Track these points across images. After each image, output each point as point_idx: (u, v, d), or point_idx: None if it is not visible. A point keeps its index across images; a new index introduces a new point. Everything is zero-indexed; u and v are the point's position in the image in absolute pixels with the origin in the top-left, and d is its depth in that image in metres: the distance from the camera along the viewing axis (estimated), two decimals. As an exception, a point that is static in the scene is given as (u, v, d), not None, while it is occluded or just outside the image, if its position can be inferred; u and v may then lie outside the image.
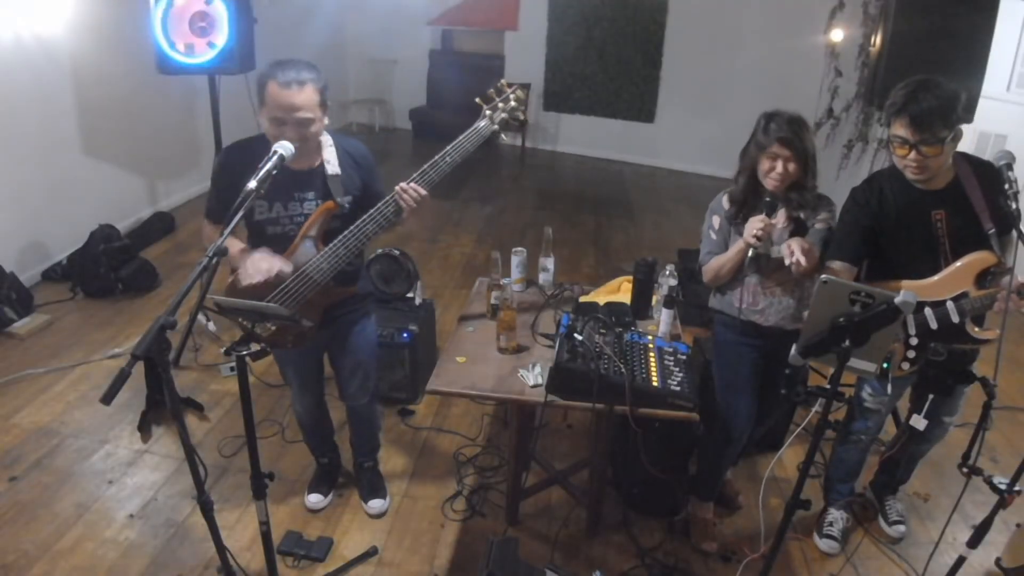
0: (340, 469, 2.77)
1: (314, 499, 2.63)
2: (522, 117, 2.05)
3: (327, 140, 2.08)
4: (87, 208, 4.50)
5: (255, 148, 1.91)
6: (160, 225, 5.10)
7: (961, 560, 1.93)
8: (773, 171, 2.10)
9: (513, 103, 2.03)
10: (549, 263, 2.72)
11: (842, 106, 6.18)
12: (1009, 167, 1.87)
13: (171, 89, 4.71)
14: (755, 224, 2.08)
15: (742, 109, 7.17)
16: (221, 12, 3.04)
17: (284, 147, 1.76)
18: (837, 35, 6.06)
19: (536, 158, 8.06)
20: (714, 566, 2.46)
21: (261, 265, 1.94)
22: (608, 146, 8.04)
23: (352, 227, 1.98)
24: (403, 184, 1.95)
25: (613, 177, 7.58)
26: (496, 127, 2.02)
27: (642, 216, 6.34)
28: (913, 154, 1.92)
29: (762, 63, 7.01)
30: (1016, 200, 1.80)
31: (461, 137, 1.99)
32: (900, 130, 1.92)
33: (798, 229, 2.18)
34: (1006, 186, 1.83)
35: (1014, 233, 1.74)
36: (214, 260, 1.55)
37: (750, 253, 2.12)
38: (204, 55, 3.09)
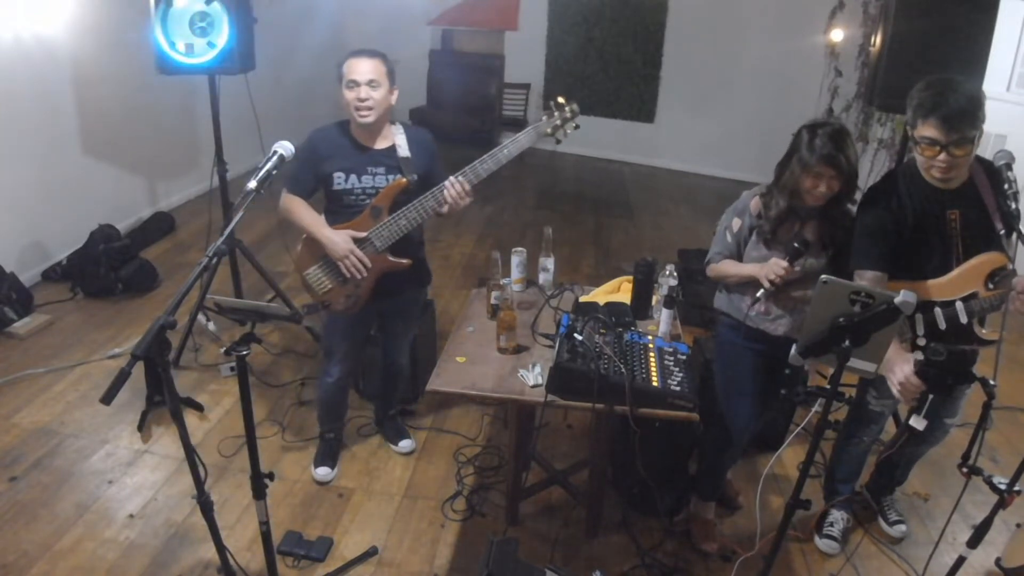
0: (343, 444, 2.92)
1: (323, 472, 2.76)
2: (571, 128, 2.42)
3: (399, 129, 2.43)
4: (87, 208, 4.49)
5: (335, 129, 2.40)
6: (160, 225, 5.10)
7: (961, 560, 1.93)
8: (816, 189, 2.02)
9: (568, 114, 2.40)
10: (549, 263, 2.72)
11: (842, 106, 6.18)
12: (1008, 167, 1.87)
13: (171, 89, 4.70)
14: (775, 269, 2.04)
15: (742, 109, 7.28)
16: (221, 12, 3.03)
17: (284, 147, 1.83)
18: (837, 35, 6.06)
19: (536, 158, 8.05)
20: (714, 566, 2.46)
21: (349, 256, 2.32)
22: (608, 146, 8.04)
23: (409, 205, 2.32)
24: (452, 179, 2.29)
25: (613, 177, 7.58)
26: (549, 130, 2.39)
27: (642, 216, 6.34)
28: (943, 155, 1.87)
29: (762, 63, 7.01)
30: (1016, 200, 1.80)
31: (519, 134, 2.35)
32: (929, 131, 1.86)
33: (830, 242, 2.14)
34: (1005, 186, 1.83)
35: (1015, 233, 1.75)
36: (214, 260, 1.56)
37: (759, 293, 2.10)
38: (204, 55, 3.08)
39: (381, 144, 2.39)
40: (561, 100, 2.40)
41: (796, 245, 2.06)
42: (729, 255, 2.27)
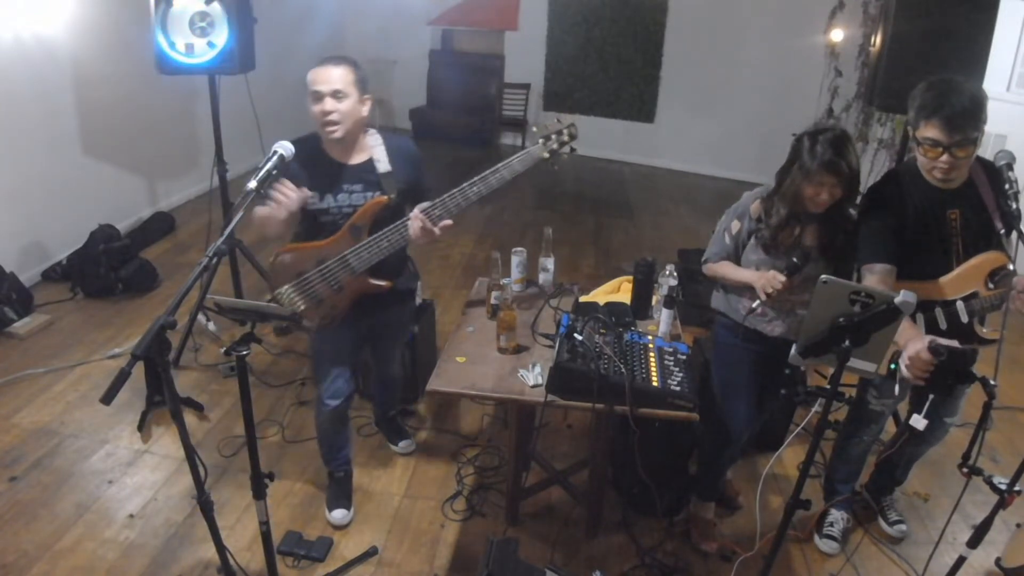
0: (353, 480, 2.69)
1: (339, 515, 2.56)
2: (567, 153, 2.28)
3: (376, 139, 2.26)
4: (87, 208, 4.50)
5: (309, 142, 2.15)
6: (160, 225, 5.10)
7: (961, 560, 1.93)
8: (818, 197, 2.01)
9: (566, 137, 2.26)
10: (549, 263, 2.72)
11: (842, 106, 6.19)
12: (1009, 167, 1.87)
13: (171, 89, 4.70)
14: (772, 282, 2.03)
15: (742, 109, 7.28)
16: (221, 12, 3.03)
17: (284, 147, 1.84)
18: (837, 35, 6.07)
19: (536, 158, 8.05)
20: (714, 566, 2.46)
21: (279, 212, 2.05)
22: (608, 146, 8.03)
23: (391, 227, 2.15)
24: (416, 211, 2.12)
25: (613, 177, 7.58)
26: (546, 155, 2.25)
27: (642, 216, 6.34)
28: (945, 156, 1.87)
29: (762, 63, 7.02)
30: (1016, 200, 1.80)
31: (512, 157, 2.20)
32: (932, 132, 1.86)
33: (829, 246, 2.13)
34: (1006, 186, 1.83)
35: (1015, 233, 1.75)
36: (214, 260, 1.56)
37: (755, 304, 2.10)
38: (204, 55, 3.08)
39: (357, 159, 2.22)
40: (559, 120, 2.26)
41: (795, 260, 2.05)
42: (727, 256, 2.27)
